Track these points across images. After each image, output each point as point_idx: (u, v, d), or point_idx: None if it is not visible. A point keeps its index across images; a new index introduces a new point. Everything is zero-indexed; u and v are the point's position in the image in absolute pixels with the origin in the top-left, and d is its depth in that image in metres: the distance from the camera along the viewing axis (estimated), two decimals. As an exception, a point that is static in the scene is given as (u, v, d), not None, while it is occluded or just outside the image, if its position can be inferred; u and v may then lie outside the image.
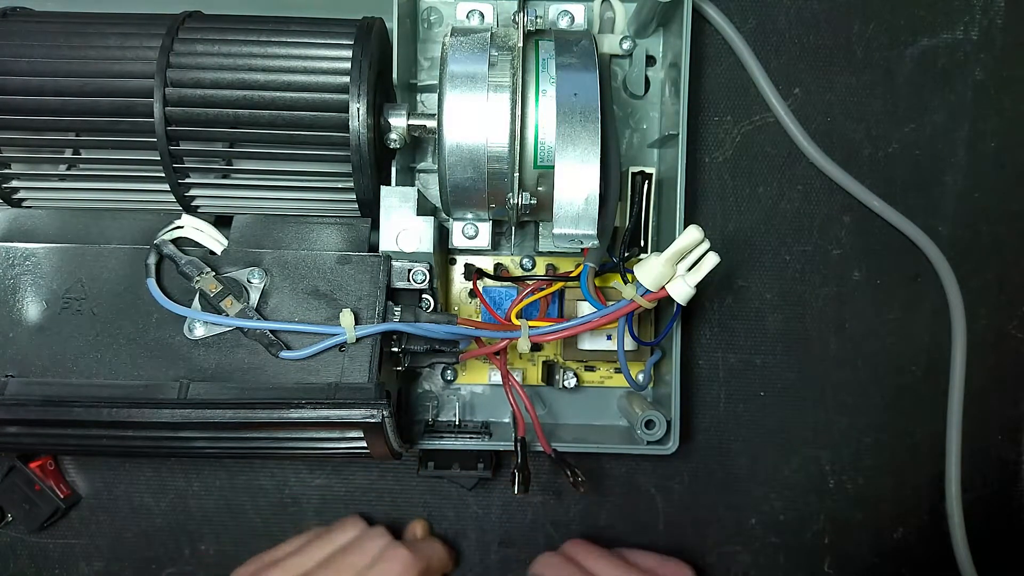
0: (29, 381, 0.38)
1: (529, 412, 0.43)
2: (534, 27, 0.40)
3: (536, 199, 0.40)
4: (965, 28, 0.52)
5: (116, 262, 0.40)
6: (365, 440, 0.38)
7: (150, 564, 0.53)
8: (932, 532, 0.53)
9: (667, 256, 0.38)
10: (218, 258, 0.41)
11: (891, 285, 0.53)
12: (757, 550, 0.54)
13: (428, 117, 0.42)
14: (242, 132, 0.40)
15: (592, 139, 0.38)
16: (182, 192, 0.42)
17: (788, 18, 0.52)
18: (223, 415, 0.36)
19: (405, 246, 0.40)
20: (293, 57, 0.40)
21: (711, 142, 0.53)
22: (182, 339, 0.39)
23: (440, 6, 0.49)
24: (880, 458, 0.53)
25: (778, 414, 0.53)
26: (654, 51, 0.50)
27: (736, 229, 0.53)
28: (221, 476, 0.52)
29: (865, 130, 0.53)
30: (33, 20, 0.42)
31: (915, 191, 0.53)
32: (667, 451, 0.46)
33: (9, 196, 0.43)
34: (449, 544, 0.52)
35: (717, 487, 0.53)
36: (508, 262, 0.50)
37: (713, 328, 0.53)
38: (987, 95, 0.52)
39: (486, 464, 0.48)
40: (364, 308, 0.40)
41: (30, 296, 0.40)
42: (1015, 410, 0.54)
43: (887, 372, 0.53)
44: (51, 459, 0.51)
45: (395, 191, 0.41)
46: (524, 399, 0.44)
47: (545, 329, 0.40)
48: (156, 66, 0.39)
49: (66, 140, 0.41)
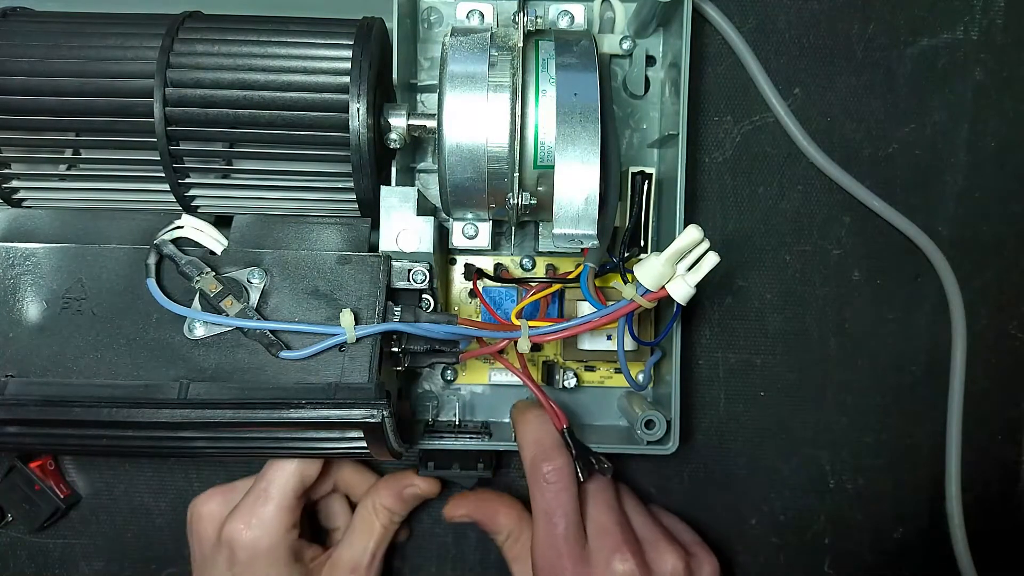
0: (29, 381, 0.38)
1: (539, 395, 0.43)
2: (534, 27, 0.40)
3: (536, 199, 0.40)
4: (965, 28, 0.52)
5: (116, 262, 0.40)
6: (365, 440, 0.38)
7: (150, 564, 0.53)
8: (932, 532, 0.53)
9: (667, 256, 0.38)
10: (218, 258, 0.41)
11: (891, 285, 0.53)
12: (757, 550, 0.54)
13: (428, 117, 0.42)
14: (242, 132, 0.40)
15: (592, 139, 0.38)
16: (182, 192, 0.42)
17: (788, 18, 0.52)
18: (223, 415, 0.36)
19: (405, 246, 0.40)
20: (293, 57, 0.40)
21: (711, 142, 0.53)
22: (182, 339, 0.39)
23: (440, 6, 0.49)
24: (880, 458, 0.53)
25: (778, 414, 0.53)
26: (654, 51, 0.50)
27: (736, 229, 0.53)
28: (221, 476, 0.52)
29: (865, 130, 0.53)
30: (33, 20, 0.42)
31: (915, 191, 0.53)
32: (667, 451, 0.46)
33: (9, 196, 0.43)
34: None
35: (717, 487, 0.53)
36: (508, 262, 0.50)
37: (713, 328, 0.53)
38: (987, 95, 0.52)
39: (486, 464, 0.48)
40: (364, 308, 0.40)
41: (30, 296, 0.40)
42: (1015, 410, 0.54)
43: (887, 372, 0.53)
44: (51, 459, 0.51)
45: (395, 191, 0.41)
46: (533, 387, 0.44)
47: (545, 329, 0.40)
48: (156, 66, 0.39)
49: (66, 140, 0.41)
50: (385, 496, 0.47)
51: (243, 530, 0.42)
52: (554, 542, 0.42)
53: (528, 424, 0.45)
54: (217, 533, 0.43)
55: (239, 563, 0.42)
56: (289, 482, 0.43)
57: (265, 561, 0.42)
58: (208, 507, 0.44)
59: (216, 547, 0.43)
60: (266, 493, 0.43)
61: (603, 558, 0.42)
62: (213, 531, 0.44)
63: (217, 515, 0.44)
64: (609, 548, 0.42)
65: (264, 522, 0.42)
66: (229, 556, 0.43)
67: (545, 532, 0.42)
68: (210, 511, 0.44)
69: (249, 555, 0.42)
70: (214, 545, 0.43)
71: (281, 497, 0.42)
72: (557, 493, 0.42)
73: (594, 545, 0.43)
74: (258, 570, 0.42)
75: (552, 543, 0.42)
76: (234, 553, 0.42)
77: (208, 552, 0.44)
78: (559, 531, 0.42)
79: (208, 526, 0.44)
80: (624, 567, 0.41)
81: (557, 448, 0.43)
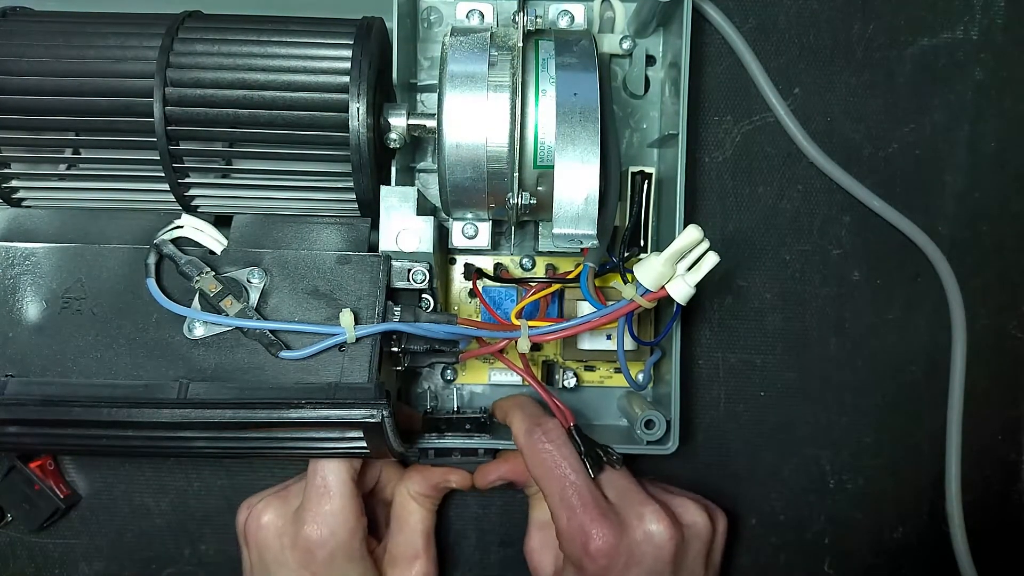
0: (29, 381, 0.38)
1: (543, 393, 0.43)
2: (534, 27, 0.40)
3: (536, 199, 0.40)
4: (965, 28, 0.52)
5: (116, 262, 0.40)
6: (365, 440, 0.38)
7: (150, 564, 0.53)
8: (932, 532, 0.53)
9: (667, 256, 0.38)
10: (218, 258, 0.41)
11: (891, 285, 0.53)
12: (757, 550, 0.54)
13: (428, 117, 0.42)
14: (242, 132, 0.40)
15: (592, 139, 0.38)
16: (182, 192, 0.42)
17: (788, 18, 0.52)
18: (223, 415, 0.36)
19: (405, 246, 0.40)
20: (293, 57, 0.40)
21: (711, 142, 0.53)
22: (182, 339, 0.39)
23: (440, 6, 0.49)
24: (880, 458, 0.53)
25: (778, 414, 0.53)
26: (654, 51, 0.50)
27: (736, 229, 0.53)
28: (221, 476, 0.52)
29: (865, 130, 0.53)
30: (33, 20, 0.42)
31: (915, 191, 0.53)
32: (667, 451, 0.46)
33: (9, 196, 0.43)
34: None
35: (717, 487, 0.53)
36: (508, 262, 0.50)
37: (713, 328, 0.53)
38: (987, 95, 0.52)
39: (486, 451, 0.48)
40: (364, 308, 0.40)
41: (30, 296, 0.40)
42: (1015, 410, 0.54)
43: (887, 372, 0.53)
44: (51, 459, 0.51)
45: (395, 191, 0.41)
46: (536, 385, 0.44)
47: (545, 329, 0.40)
48: (156, 66, 0.39)
49: (66, 140, 0.41)
50: (418, 483, 0.47)
51: (316, 530, 0.42)
52: (570, 499, 0.41)
53: (516, 407, 0.45)
54: (280, 540, 0.43)
55: (317, 562, 0.42)
56: (343, 474, 0.42)
57: (344, 556, 0.42)
58: (268, 516, 0.44)
59: (284, 553, 0.43)
60: (326, 489, 0.42)
61: (634, 513, 0.41)
62: (276, 539, 0.43)
63: (278, 523, 0.44)
64: (638, 503, 0.41)
65: (335, 517, 0.42)
66: (305, 559, 0.42)
67: (559, 488, 0.41)
68: (271, 520, 0.44)
69: (328, 553, 0.42)
70: (280, 551, 0.43)
71: (342, 489, 0.42)
72: (558, 449, 0.42)
73: (620, 503, 0.42)
74: (337, 567, 0.42)
75: (569, 501, 0.41)
76: (312, 554, 0.42)
77: (273, 559, 0.43)
78: (573, 483, 0.41)
79: (270, 535, 0.43)
80: (660, 521, 0.41)
81: (546, 415, 0.43)
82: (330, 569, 0.42)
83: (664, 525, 0.41)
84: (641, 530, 0.41)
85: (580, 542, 0.40)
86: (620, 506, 0.42)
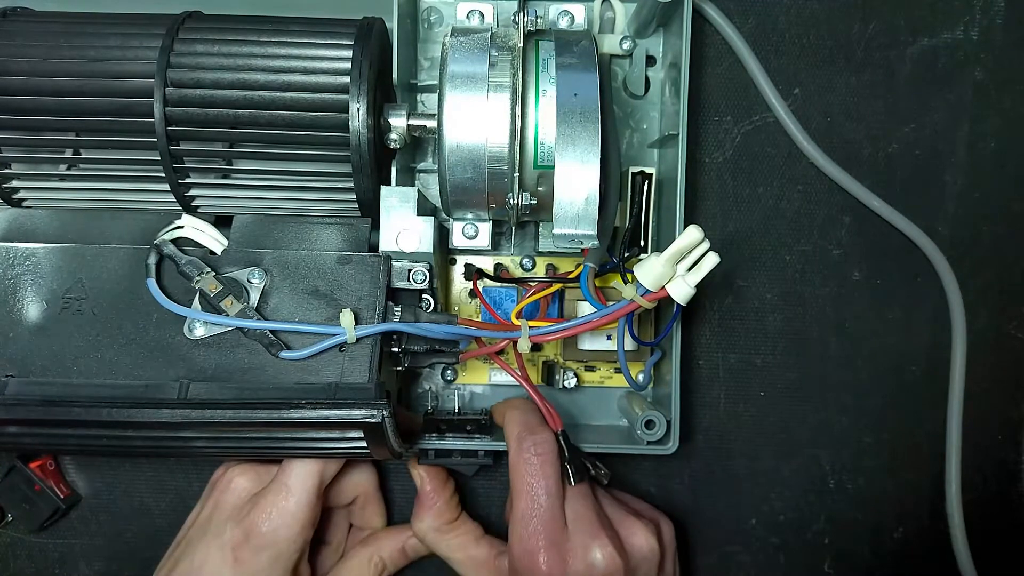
0: (29, 381, 0.38)
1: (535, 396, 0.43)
2: (534, 27, 0.40)
3: (536, 199, 0.40)
4: (965, 28, 0.52)
5: (116, 262, 0.40)
6: (365, 440, 0.38)
7: (150, 564, 0.53)
8: (932, 532, 0.53)
9: (667, 256, 0.38)
10: (218, 258, 0.41)
11: (891, 285, 0.53)
12: (757, 550, 0.54)
13: (428, 117, 0.42)
14: (242, 132, 0.40)
15: (592, 139, 0.38)
16: (182, 192, 0.42)
17: (788, 18, 0.52)
18: (223, 415, 0.37)
19: (405, 246, 0.40)
20: (293, 57, 0.40)
21: (711, 142, 0.53)
22: (182, 339, 0.39)
23: (440, 6, 0.49)
24: (880, 458, 0.53)
25: (778, 414, 0.53)
26: (654, 51, 0.50)
27: (736, 229, 0.53)
28: (221, 476, 0.52)
29: (865, 130, 0.53)
30: (33, 20, 0.42)
31: (915, 191, 0.53)
32: (667, 451, 0.46)
33: (9, 196, 0.43)
34: None
35: (717, 487, 0.53)
36: (508, 262, 0.50)
37: (713, 328, 0.53)
38: (987, 95, 0.52)
39: (486, 452, 0.48)
40: (364, 308, 0.40)
41: (30, 296, 0.40)
42: (1015, 410, 0.54)
43: (887, 372, 0.53)
44: (51, 459, 0.51)
45: (395, 191, 0.41)
46: (530, 389, 0.44)
47: (545, 329, 0.40)
48: (156, 66, 0.39)
49: (66, 140, 0.41)
50: (387, 548, 0.48)
51: (264, 519, 0.42)
52: (531, 521, 0.42)
53: (514, 409, 0.45)
54: (236, 509, 0.43)
55: (248, 548, 0.42)
56: (308, 480, 0.43)
57: (272, 555, 0.42)
58: (241, 481, 0.44)
59: (226, 524, 0.43)
60: (287, 487, 0.42)
61: (580, 543, 0.42)
62: (233, 505, 0.44)
63: (246, 492, 0.44)
64: (589, 534, 0.42)
65: (282, 517, 0.42)
66: (241, 538, 0.42)
67: (527, 507, 0.42)
68: (241, 485, 0.44)
69: (262, 544, 0.42)
70: (226, 521, 0.43)
71: (302, 495, 0.42)
72: (542, 465, 0.42)
73: (573, 530, 0.42)
74: (262, 561, 0.42)
75: (529, 523, 0.42)
76: (248, 538, 0.42)
77: (221, 520, 0.44)
78: (541, 506, 0.42)
79: (233, 498, 0.44)
80: (604, 553, 0.41)
81: (542, 426, 0.43)
82: (254, 559, 0.42)
83: (607, 556, 0.41)
84: (585, 562, 0.41)
85: (525, 564, 0.42)
86: (572, 532, 0.42)
